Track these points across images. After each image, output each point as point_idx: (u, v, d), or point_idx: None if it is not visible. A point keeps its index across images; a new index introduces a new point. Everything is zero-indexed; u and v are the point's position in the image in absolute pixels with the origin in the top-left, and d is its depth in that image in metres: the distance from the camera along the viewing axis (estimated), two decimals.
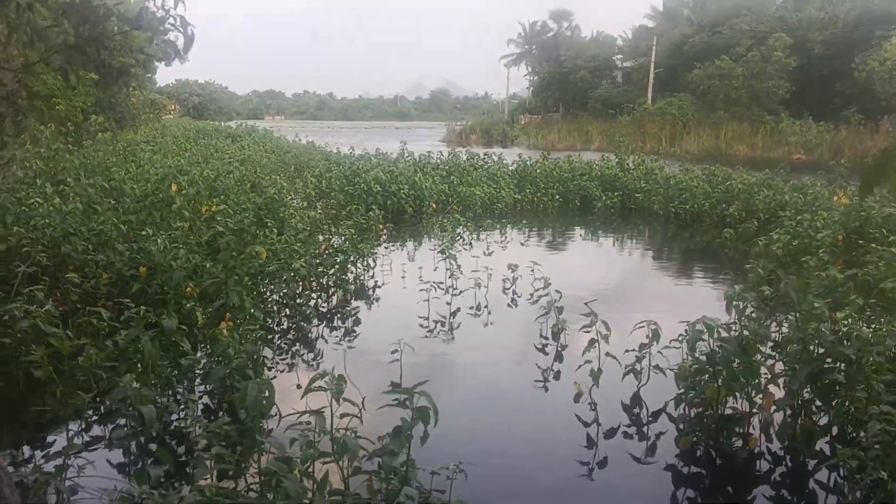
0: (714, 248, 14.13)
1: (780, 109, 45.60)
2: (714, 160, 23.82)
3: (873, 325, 6.77)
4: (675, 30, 59.09)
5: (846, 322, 5.88)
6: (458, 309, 9.09)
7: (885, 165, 2.21)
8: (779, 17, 51.16)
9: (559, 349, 7.59)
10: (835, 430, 5.36)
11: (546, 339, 7.95)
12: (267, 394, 4.28)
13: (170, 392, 5.94)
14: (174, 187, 10.40)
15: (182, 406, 5.62)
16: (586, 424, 5.83)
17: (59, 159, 13.73)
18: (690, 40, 54.85)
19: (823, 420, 5.33)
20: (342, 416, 4.14)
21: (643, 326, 6.09)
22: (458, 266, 10.19)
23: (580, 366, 6.38)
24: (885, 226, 12.50)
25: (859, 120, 40.83)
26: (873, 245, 9.95)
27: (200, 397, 5.84)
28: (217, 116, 75.99)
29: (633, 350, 6.25)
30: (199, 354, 6.43)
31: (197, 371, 6.24)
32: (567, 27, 75.03)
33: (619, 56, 69.33)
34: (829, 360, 5.32)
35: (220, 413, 5.56)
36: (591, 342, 6.26)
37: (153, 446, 4.93)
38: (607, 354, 6.27)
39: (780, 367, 5.79)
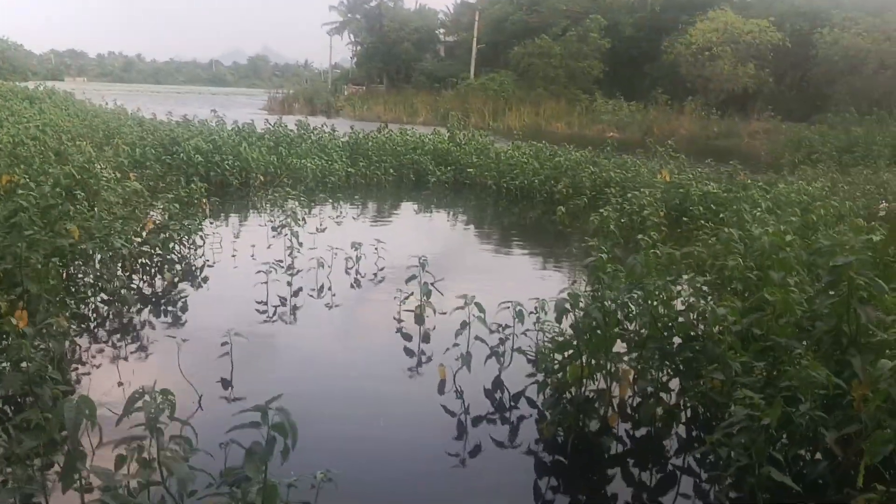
0: (546, 223, 14.36)
1: (594, 89, 47.68)
2: (535, 136, 24.31)
3: (712, 302, 6.98)
4: (496, 6, 60.07)
5: (688, 299, 5.93)
6: (300, 290, 8.53)
7: None
8: None
9: (422, 332, 7.23)
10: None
11: (398, 320, 7.59)
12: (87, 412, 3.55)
13: None
14: None
15: None
16: (453, 415, 5.56)
17: None
18: (511, 17, 56.01)
19: (674, 400, 5.34)
20: (171, 438, 3.53)
21: (507, 307, 5.88)
22: (301, 244, 9.58)
23: (447, 349, 6.09)
24: (702, 203, 13.23)
25: (666, 101, 43.55)
26: (702, 222, 10.41)
27: None
28: (10, 76, 68.96)
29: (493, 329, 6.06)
30: None
31: None
32: None
33: (441, 30, 69.67)
34: (677, 336, 5.38)
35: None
36: (463, 324, 6.02)
37: None
38: (476, 338, 6.00)
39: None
